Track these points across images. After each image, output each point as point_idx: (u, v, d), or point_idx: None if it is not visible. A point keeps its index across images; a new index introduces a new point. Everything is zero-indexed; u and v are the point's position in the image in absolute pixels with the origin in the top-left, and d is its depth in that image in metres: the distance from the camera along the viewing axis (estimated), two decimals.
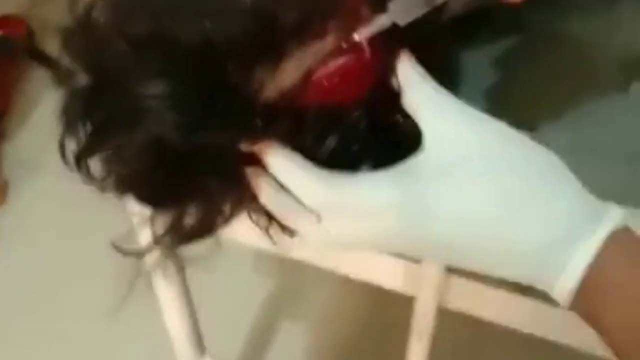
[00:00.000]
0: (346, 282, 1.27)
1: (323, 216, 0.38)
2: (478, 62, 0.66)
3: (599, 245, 0.36)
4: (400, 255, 0.73)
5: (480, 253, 0.37)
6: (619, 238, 0.36)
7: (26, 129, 1.59)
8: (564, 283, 0.37)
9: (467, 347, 1.23)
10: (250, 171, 0.40)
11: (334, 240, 0.39)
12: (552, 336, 0.73)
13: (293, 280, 1.35)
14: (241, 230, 0.71)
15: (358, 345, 1.27)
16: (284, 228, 0.44)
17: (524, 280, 0.39)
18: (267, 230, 0.45)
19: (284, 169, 0.38)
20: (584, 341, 0.72)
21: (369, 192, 0.37)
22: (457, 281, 0.73)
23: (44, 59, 1.59)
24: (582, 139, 0.59)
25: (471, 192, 0.36)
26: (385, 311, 1.26)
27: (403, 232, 0.37)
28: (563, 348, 0.74)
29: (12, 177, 1.52)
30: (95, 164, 0.38)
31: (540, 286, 0.39)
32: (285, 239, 0.51)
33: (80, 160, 0.38)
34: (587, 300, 0.36)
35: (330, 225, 0.38)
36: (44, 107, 1.59)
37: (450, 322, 0.78)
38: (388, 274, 0.75)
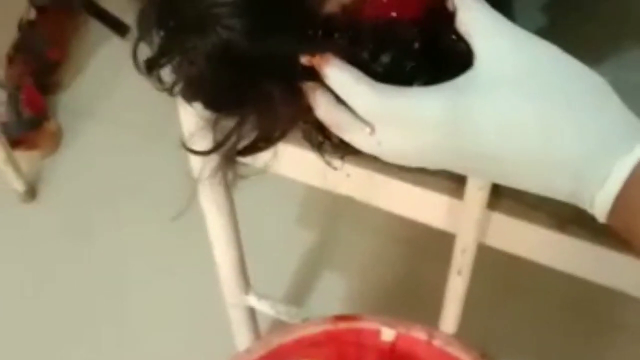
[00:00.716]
0: (386, 232, 1.31)
1: (377, 127, 0.40)
2: (527, 6, 0.67)
3: (638, 160, 0.37)
4: (443, 175, 0.74)
5: (524, 166, 0.38)
6: None
7: (81, 79, 1.63)
8: (603, 196, 0.37)
9: (504, 284, 1.25)
10: (308, 84, 0.41)
11: (383, 152, 0.41)
12: (590, 275, 0.74)
13: (335, 229, 1.38)
14: (291, 164, 0.76)
15: (396, 291, 1.29)
16: (336, 144, 0.46)
17: (565, 195, 0.40)
18: (319, 148, 0.47)
19: (341, 81, 0.39)
20: (622, 281, 0.73)
21: (420, 104, 0.38)
22: (497, 217, 0.74)
23: (99, 13, 1.62)
24: (623, 81, 0.60)
25: (519, 106, 0.37)
26: (424, 260, 1.29)
27: (451, 144, 0.38)
28: (600, 288, 0.75)
29: (67, 125, 1.56)
30: (166, 74, 0.41)
31: (580, 203, 0.39)
32: (332, 173, 0.53)
33: (153, 65, 0.40)
34: (625, 214, 0.37)
35: (381, 136, 0.40)
36: (99, 58, 1.62)
37: (488, 258, 0.80)
38: (430, 210, 0.76)
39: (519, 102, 0.37)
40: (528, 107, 0.37)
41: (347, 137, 0.42)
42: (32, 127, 1.51)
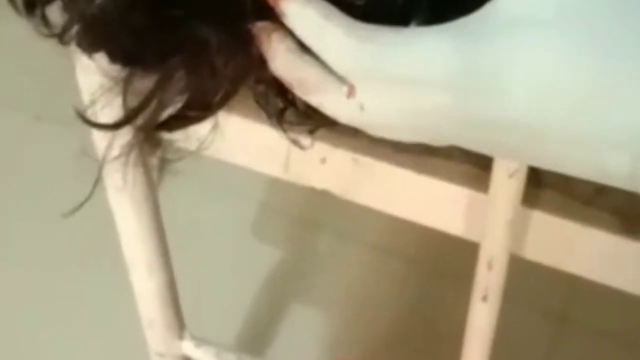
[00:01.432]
0: (380, 243, 1.31)
1: (357, 86, 0.41)
2: None
3: None
4: (459, 157, 0.75)
5: (567, 139, 0.39)
6: None
7: None
8: None
9: (550, 314, 1.27)
10: (259, 26, 0.42)
11: (368, 121, 0.41)
12: None
13: (309, 241, 1.39)
14: (239, 144, 0.76)
15: (399, 327, 1.30)
16: (303, 112, 0.46)
17: (624, 178, 0.40)
18: (279, 118, 0.48)
19: (305, 20, 0.40)
20: None
21: (421, 51, 0.39)
22: (538, 217, 0.76)
23: None
24: None
25: (562, 56, 0.38)
26: (435, 281, 1.30)
27: (464, 109, 0.39)
28: None
29: None
30: (54, 13, 0.41)
31: None
32: (299, 156, 0.54)
33: (34, 3, 0.40)
34: None
35: (365, 98, 0.40)
36: None
37: (527, 277, 0.81)
38: (442, 208, 0.78)
39: (562, 51, 0.38)
40: (576, 57, 0.38)
41: (317, 101, 0.42)
42: None
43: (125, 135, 0.46)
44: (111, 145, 0.49)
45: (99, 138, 0.77)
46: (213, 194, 1.33)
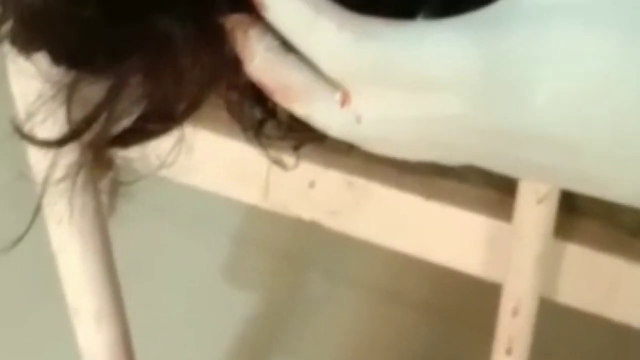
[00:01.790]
0: (383, 286, 1.31)
1: (353, 92, 0.41)
2: None
3: None
4: (477, 179, 0.75)
5: (607, 157, 0.39)
6: None
7: None
8: None
9: None
10: (234, 20, 0.42)
11: (365, 134, 0.42)
12: None
13: (296, 284, 1.39)
14: (208, 164, 0.76)
15: None
16: (286, 124, 0.46)
17: None
18: (257, 132, 0.48)
19: (291, 13, 0.40)
20: None
21: (431, 50, 0.39)
22: (573, 252, 0.76)
23: None
24: None
25: (600, 47, 0.38)
26: (451, 331, 1.30)
27: (482, 117, 0.39)
28: None
29: None
30: None
31: None
32: (281, 179, 0.54)
33: None
34: None
35: (363, 108, 0.41)
36: None
37: (563, 325, 0.81)
38: (457, 243, 0.78)
39: (604, 43, 0.38)
40: (622, 51, 0.38)
41: (303, 111, 0.42)
42: None
43: (71, 153, 0.46)
44: (54, 167, 0.48)
45: (39, 158, 0.77)
46: (178, 225, 1.32)
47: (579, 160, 0.39)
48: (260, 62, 0.42)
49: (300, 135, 0.48)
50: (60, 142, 0.45)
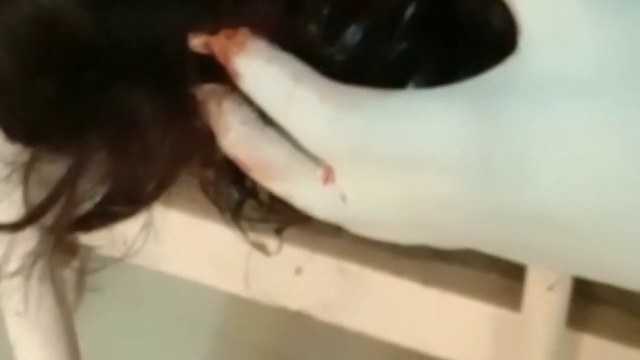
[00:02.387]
0: None
1: (337, 169, 0.41)
2: None
3: None
4: (481, 264, 0.75)
5: (623, 239, 0.39)
6: None
7: None
8: None
9: None
10: (206, 90, 0.43)
11: (351, 216, 0.42)
12: None
13: None
14: (182, 250, 0.76)
15: None
16: (266, 205, 0.47)
17: None
18: (234, 215, 0.48)
19: (268, 83, 0.41)
20: None
21: (423, 125, 0.39)
22: (589, 343, 0.76)
23: None
24: None
25: (609, 132, 0.38)
26: None
27: (478, 197, 0.39)
28: None
29: None
30: None
31: None
32: (263, 266, 0.54)
33: None
34: None
35: (348, 186, 0.41)
36: None
37: None
38: (461, 334, 0.78)
39: (606, 133, 0.38)
40: (627, 142, 0.38)
41: (283, 190, 0.43)
42: None
43: (29, 240, 0.46)
44: (8, 255, 0.48)
45: None
46: (149, 319, 1.31)
47: (588, 244, 0.40)
48: (235, 136, 0.43)
49: (283, 217, 0.48)
50: (16, 226, 0.45)
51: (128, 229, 0.48)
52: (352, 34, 0.42)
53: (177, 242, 0.73)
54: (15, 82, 0.41)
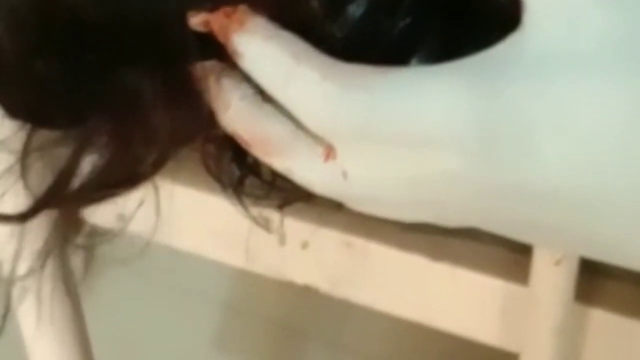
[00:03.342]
0: (384, 356, 1.29)
1: (338, 147, 0.41)
2: None
3: None
4: (487, 238, 0.75)
5: (629, 218, 0.39)
6: None
7: None
8: None
9: None
10: (207, 66, 0.43)
11: (353, 192, 0.42)
12: None
13: (290, 357, 1.38)
14: (184, 224, 0.75)
15: None
16: (267, 181, 0.47)
17: None
18: (236, 191, 0.48)
19: (268, 61, 0.41)
20: None
21: (426, 102, 0.39)
22: (599, 318, 0.76)
23: None
24: None
25: (606, 110, 0.38)
26: None
27: (481, 174, 0.39)
28: None
29: None
30: None
31: None
32: (266, 241, 0.54)
33: None
34: None
35: (350, 163, 0.41)
36: None
37: None
38: (467, 309, 0.78)
39: (613, 100, 0.38)
40: (632, 114, 0.38)
41: (283, 165, 0.43)
42: None
43: (38, 232, 0.46)
44: (19, 252, 0.48)
45: (2, 241, 0.75)
46: (158, 292, 1.32)
47: (594, 222, 0.40)
48: (234, 112, 0.43)
49: (285, 194, 0.48)
50: (24, 216, 0.45)
51: (134, 204, 0.48)
52: (354, 10, 0.42)
53: (184, 216, 0.73)
54: (15, 61, 0.41)
